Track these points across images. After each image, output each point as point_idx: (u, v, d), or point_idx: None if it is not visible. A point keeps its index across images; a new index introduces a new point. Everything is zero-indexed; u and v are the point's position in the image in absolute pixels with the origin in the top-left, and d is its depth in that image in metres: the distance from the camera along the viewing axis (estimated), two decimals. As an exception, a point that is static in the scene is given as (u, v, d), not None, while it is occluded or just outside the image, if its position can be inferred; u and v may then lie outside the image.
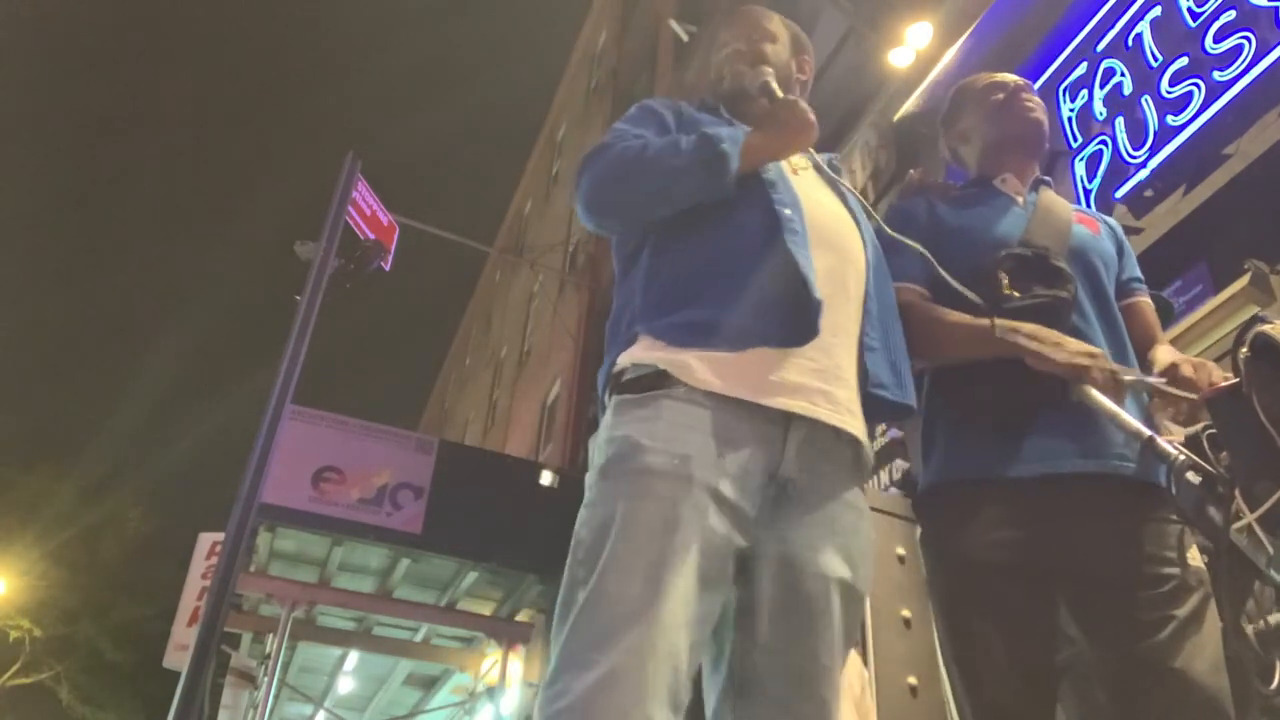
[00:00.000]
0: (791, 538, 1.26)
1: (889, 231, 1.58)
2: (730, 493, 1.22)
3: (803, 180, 1.53)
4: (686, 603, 1.13)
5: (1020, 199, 1.76)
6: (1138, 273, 1.80)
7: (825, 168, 1.60)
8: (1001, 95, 1.84)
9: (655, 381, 1.29)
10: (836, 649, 1.25)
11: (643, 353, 1.34)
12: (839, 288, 1.41)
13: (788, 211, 1.41)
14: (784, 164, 1.52)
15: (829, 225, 1.47)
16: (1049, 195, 1.78)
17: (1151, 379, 1.45)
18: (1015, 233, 1.66)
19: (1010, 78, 1.88)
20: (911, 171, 1.91)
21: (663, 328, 1.35)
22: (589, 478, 1.28)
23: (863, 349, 1.41)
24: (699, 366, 1.30)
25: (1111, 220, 1.88)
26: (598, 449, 1.29)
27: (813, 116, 1.49)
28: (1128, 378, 1.41)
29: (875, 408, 1.42)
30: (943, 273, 1.57)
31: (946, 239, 1.65)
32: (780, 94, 1.56)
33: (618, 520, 1.17)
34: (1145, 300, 1.76)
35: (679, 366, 1.30)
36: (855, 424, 1.35)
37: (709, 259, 1.39)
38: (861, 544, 1.34)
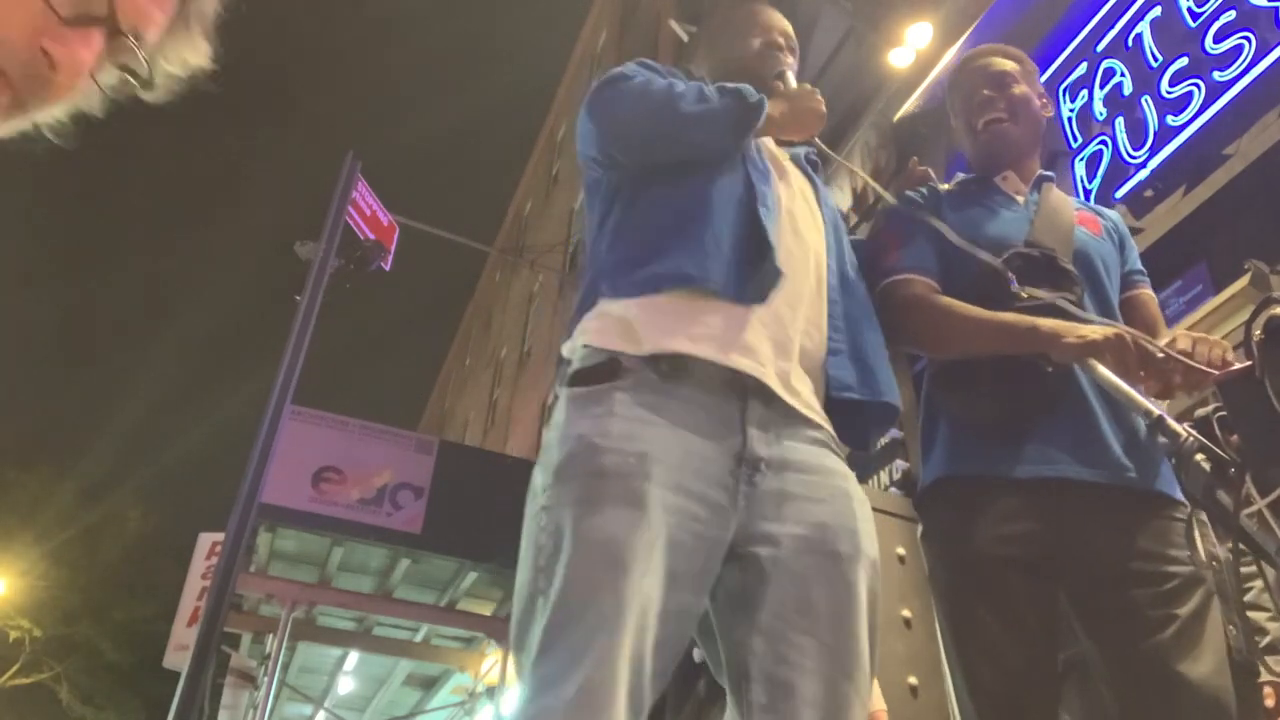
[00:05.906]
0: (775, 515, 1.22)
1: (904, 209, 1.60)
2: (696, 485, 1.18)
3: (783, 168, 1.55)
4: (650, 603, 1.10)
5: (1021, 198, 1.73)
6: (1139, 265, 1.77)
7: (803, 162, 1.61)
8: (972, 111, 1.77)
9: (606, 372, 1.25)
10: (838, 626, 1.19)
11: (596, 329, 1.31)
12: (801, 271, 1.40)
13: (764, 187, 1.42)
14: (770, 150, 1.54)
15: (797, 214, 1.47)
16: (1053, 194, 1.74)
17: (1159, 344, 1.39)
18: (1017, 233, 1.63)
19: (995, 71, 1.78)
20: (914, 160, 1.86)
21: (625, 285, 1.33)
22: (541, 477, 1.22)
23: (825, 352, 1.39)
24: (648, 323, 1.27)
25: (1113, 214, 1.84)
26: (551, 447, 1.25)
27: (824, 109, 1.55)
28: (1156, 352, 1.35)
29: (846, 411, 1.38)
30: (956, 238, 1.55)
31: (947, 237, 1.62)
32: (794, 84, 1.62)
33: (575, 526, 1.13)
34: (1147, 293, 1.73)
35: (626, 334, 1.27)
36: (801, 402, 1.31)
37: (677, 215, 1.37)
38: (845, 507, 1.27)
